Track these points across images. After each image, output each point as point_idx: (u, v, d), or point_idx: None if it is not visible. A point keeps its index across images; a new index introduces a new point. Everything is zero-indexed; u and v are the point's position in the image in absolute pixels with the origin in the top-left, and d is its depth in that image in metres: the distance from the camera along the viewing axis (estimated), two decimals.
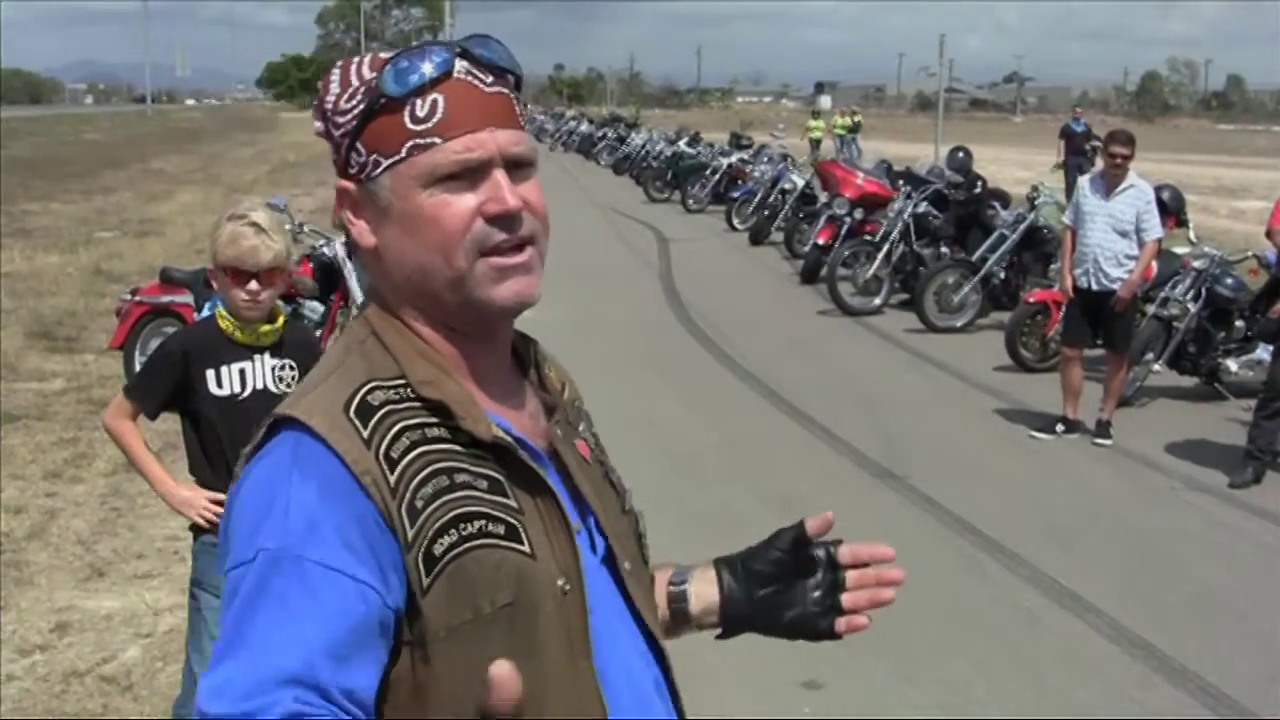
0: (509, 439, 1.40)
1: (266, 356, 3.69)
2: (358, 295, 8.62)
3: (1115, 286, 8.50)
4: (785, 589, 1.70)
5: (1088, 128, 26.59)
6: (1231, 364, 9.98)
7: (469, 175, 1.38)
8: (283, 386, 3.70)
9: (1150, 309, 9.86)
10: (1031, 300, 11.12)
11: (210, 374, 3.63)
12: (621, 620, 1.50)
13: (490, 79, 1.42)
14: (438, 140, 1.38)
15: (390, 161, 1.39)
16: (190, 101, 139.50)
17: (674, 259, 18.17)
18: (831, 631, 1.70)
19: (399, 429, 1.34)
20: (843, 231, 15.31)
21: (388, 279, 1.45)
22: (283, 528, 1.27)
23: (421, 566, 1.30)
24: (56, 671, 4.86)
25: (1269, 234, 8.11)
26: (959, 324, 12.97)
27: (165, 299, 8.76)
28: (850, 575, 1.69)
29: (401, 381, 1.38)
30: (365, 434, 1.33)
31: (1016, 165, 35.09)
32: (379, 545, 1.29)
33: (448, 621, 1.31)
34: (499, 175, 1.39)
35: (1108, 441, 8.67)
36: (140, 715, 4.54)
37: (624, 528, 1.57)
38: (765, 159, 22.84)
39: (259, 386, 3.66)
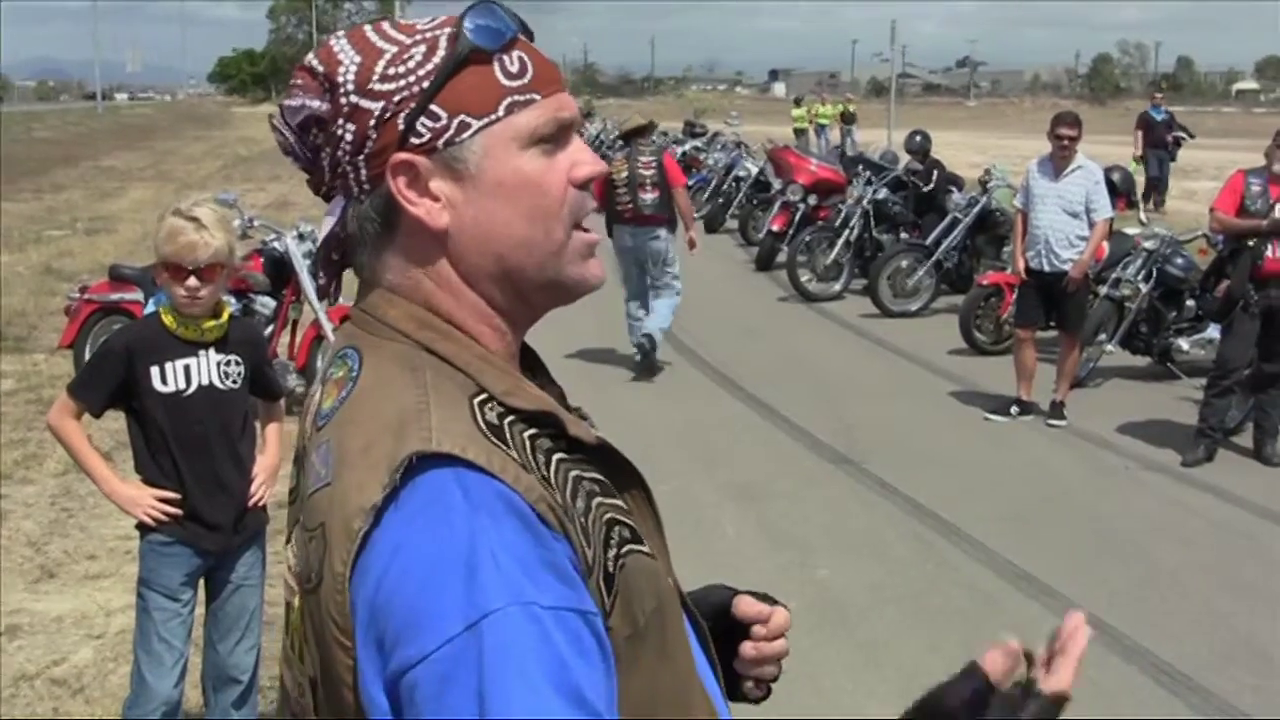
0: (606, 440, 1.27)
1: (211, 352, 3.66)
2: (310, 290, 8.51)
3: (1067, 268, 8.55)
4: None
5: (1170, 116, 23.02)
6: (1183, 343, 10.07)
7: (557, 138, 1.27)
8: (228, 382, 3.67)
9: (1102, 290, 9.93)
10: (985, 283, 11.20)
11: (154, 370, 3.59)
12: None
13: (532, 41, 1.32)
14: (536, 97, 1.25)
15: (485, 122, 1.23)
16: (122, 97, 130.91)
17: None
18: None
19: (530, 443, 1.19)
20: (797, 218, 15.36)
21: (458, 263, 1.27)
22: (499, 581, 1.08)
23: (603, 587, 1.18)
24: (6, 674, 4.79)
25: (1211, 213, 8.19)
26: (914, 308, 13.03)
27: (115, 297, 8.66)
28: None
29: (486, 394, 1.21)
30: (516, 455, 1.16)
31: (971, 149, 35.26)
32: (576, 573, 1.14)
33: (620, 643, 1.17)
34: (578, 139, 1.30)
35: (1062, 422, 8.73)
36: (91, 717, 4.49)
37: None
38: (719, 147, 22.82)
39: (204, 382, 3.63)
